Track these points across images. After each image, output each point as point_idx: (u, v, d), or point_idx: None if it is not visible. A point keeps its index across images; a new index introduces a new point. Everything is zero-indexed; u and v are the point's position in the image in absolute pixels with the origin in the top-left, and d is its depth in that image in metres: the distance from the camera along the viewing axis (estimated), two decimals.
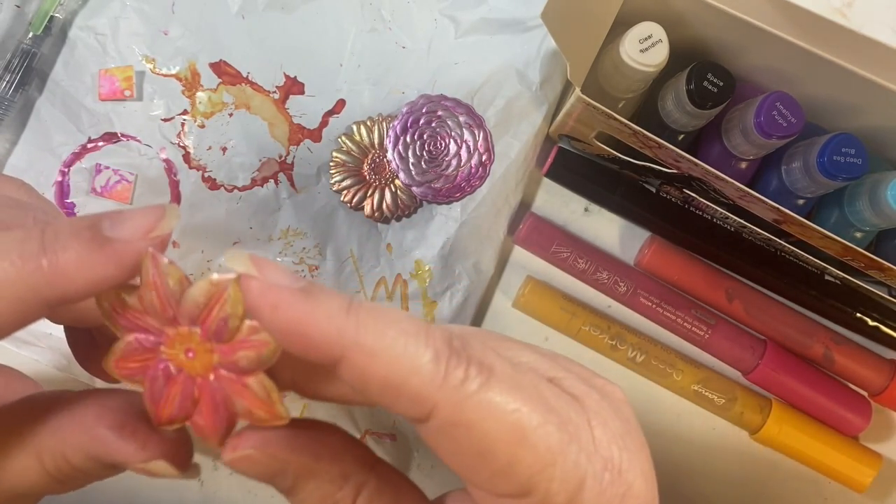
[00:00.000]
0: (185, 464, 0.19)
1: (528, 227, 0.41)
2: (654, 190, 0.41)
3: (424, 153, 0.40)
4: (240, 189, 0.40)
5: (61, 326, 0.24)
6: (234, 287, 0.17)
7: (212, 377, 0.18)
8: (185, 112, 0.40)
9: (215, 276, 0.17)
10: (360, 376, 0.16)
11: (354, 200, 0.40)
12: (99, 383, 0.38)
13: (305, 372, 0.19)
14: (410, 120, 0.39)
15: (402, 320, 0.16)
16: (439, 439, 0.17)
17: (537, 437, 0.16)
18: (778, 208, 0.32)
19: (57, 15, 0.39)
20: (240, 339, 0.17)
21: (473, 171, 0.40)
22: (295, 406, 0.40)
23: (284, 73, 0.40)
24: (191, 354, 0.18)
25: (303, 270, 0.40)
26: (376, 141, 0.40)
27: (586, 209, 0.43)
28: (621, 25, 0.35)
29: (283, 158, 0.40)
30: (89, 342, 0.24)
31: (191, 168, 0.40)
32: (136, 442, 0.18)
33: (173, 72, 0.40)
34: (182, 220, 0.39)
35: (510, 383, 0.16)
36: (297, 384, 0.19)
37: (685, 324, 0.41)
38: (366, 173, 0.40)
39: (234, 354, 0.17)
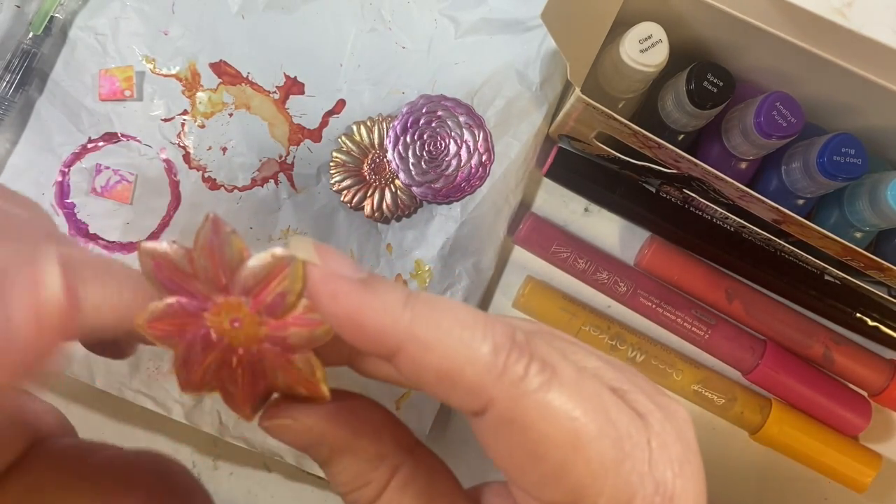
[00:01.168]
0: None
1: (528, 227, 0.41)
2: (654, 190, 0.41)
3: (424, 153, 0.40)
4: (240, 189, 0.40)
5: None
6: (299, 264, 0.17)
7: (255, 349, 0.18)
8: (185, 112, 0.40)
9: (279, 250, 0.17)
10: (416, 367, 0.16)
11: (354, 200, 0.40)
12: (99, 383, 0.38)
13: (347, 350, 0.19)
14: (410, 120, 0.39)
15: (460, 311, 0.16)
16: (492, 435, 0.16)
17: (592, 449, 0.16)
18: (778, 208, 0.32)
19: (57, 15, 0.39)
20: (294, 315, 0.17)
21: (473, 171, 0.40)
22: None
23: (284, 73, 0.40)
24: (237, 324, 0.18)
25: None
26: (376, 141, 0.40)
27: (586, 209, 0.43)
28: (621, 25, 0.35)
29: (283, 158, 0.40)
30: None
31: (191, 168, 0.40)
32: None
33: (173, 72, 0.40)
34: (182, 220, 0.39)
35: (573, 388, 0.16)
36: (353, 361, 0.19)
37: (685, 324, 0.41)
38: (366, 173, 0.40)
39: (286, 330, 0.17)
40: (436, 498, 0.19)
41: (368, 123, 0.40)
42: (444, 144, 0.40)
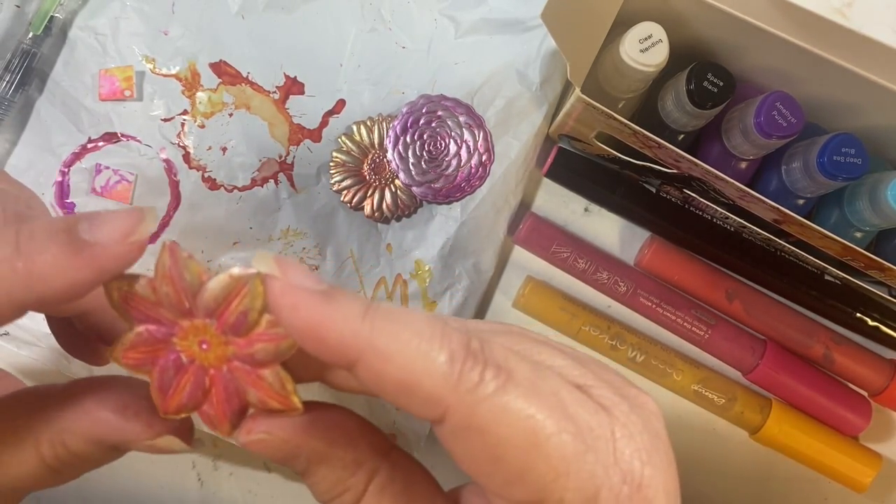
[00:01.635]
0: (189, 438, 0.20)
1: (528, 227, 0.41)
2: (654, 190, 0.41)
3: (424, 153, 0.40)
4: (240, 189, 0.40)
5: None
6: (258, 283, 0.17)
7: (225, 368, 0.18)
8: (185, 112, 0.40)
9: (236, 270, 0.17)
10: (375, 378, 0.16)
11: (354, 200, 0.40)
12: (96, 371, 0.38)
13: (314, 363, 0.19)
14: (410, 120, 0.39)
15: (417, 322, 0.16)
16: (454, 442, 0.17)
17: (551, 446, 0.16)
18: (778, 208, 0.32)
19: (57, 15, 0.39)
20: (258, 332, 0.18)
21: (473, 171, 0.40)
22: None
23: (284, 73, 0.40)
24: (205, 346, 0.18)
25: None
26: (376, 141, 0.40)
27: (586, 209, 0.43)
28: (621, 25, 0.35)
29: (283, 158, 0.40)
30: (70, 329, 0.24)
31: (191, 168, 0.40)
32: (140, 421, 0.18)
33: (173, 72, 0.40)
34: (182, 220, 0.39)
35: (528, 388, 0.16)
36: (323, 376, 0.19)
37: (685, 324, 0.41)
38: (366, 173, 0.40)
39: (252, 347, 0.18)
40: (414, 500, 0.19)
41: (368, 123, 0.40)
42: (444, 144, 0.40)
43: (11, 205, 0.21)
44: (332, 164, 0.40)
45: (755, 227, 0.36)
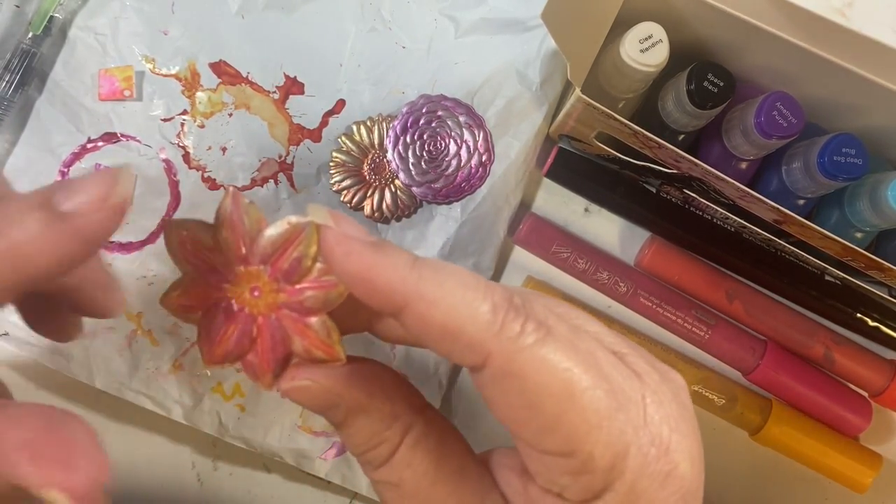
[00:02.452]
0: None
1: (528, 227, 0.41)
2: (654, 190, 0.41)
3: (424, 153, 0.39)
4: (240, 189, 0.40)
5: None
6: (313, 228, 0.18)
7: (274, 316, 0.18)
8: (184, 112, 0.40)
9: (293, 218, 0.18)
10: (421, 323, 0.17)
11: (354, 200, 0.40)
12: (99, 383, 0.38)
13: (361, 313, 0.20)
14: (410, 120, 0.39)
15: (462, 274, 0.17)
16: (492, 389, 0.17)
17: (586, 399, 0.16)
18: (778, 208, 0.32)
19: (57, 15, 0.39)
20: (310, 279, 0.18)
21: (473, 171, 0.40)
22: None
23: (284, 73, 0.40)
24: (257, 293, 0.18)
25: None
26: (376, 141, 0.40)
27: (586, 209, 0.43)
28: (621, 25, 0.35)
29: (282, 158, 0.40)
30: (41, 305, 0.23)
31: (190, 168, 0.40)
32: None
33: (173, 72, 0.40)
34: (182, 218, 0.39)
35: (566, 343, 0.17)
36: (370, 326, 0.20)
37: (685, 324, 0.41)
38: (366, 173, 0.40)
39: (302, 294, 0.18)
40: (446, 456, 0.20)
41: (368, 123, 0.40)
42: (444, 144, 0.40)
43: None
44: (331, 164, 0.40)
45: (755, 228, 0.36)
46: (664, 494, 0.17)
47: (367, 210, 0.40)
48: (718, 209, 0.37)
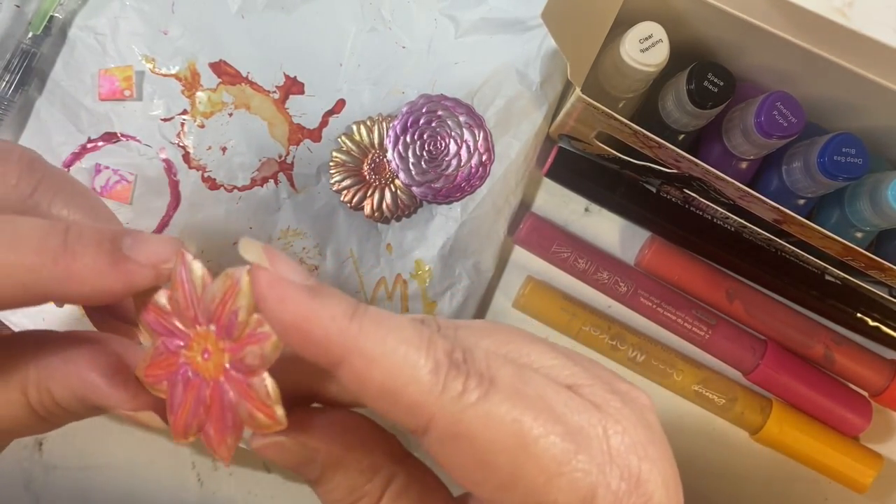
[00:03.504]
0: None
1: (528, 227, 0.41)
2: (654, 190, 0.41)
3: (424, 153, 0.39)
4: (240, 189, 0.40)
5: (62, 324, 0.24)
6: (246, 278, 0.16)
7: (222, 378, 0.17)
8: (184, 112, 0.40)
9: (231, 269, 0.17)
10: (359, 381, 0.16)
11: (354, 200, 0.40)
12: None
13: (309, 374, 0.19)
14: (410, 120, 0.39)
15: (405, 329, 0.16)
16: (441, 451, 0.16)
17: (540, 448, 0.16)
18: (778, 208, 0.32)
19: (57, 15, 0.39)
20: (248, 332, 0.17)
21: (473, 171, 0.40)
22: None
23: (284, 73, 0.40)
24: (206, 355, 0.17)
25: None
26: (376, 141, 0.40)
27: (586, 209, 0.43)
28: (621, 25, 0.35)
29: (282, 158, 0.40)
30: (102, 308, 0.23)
31: (190, 168, 0.39)
32: (126, 391, 0.18)
33: (173, 72, 0.40)
34: (182, 220, 0.39)
35: (511, 393, 0.16)
36: (315, 389, 0.19)
37: (685, 324, 0.41)
38: (366, 173, 0.40)
39: (242, 351, 0.17)
40: None
41: (368, 123, 0.40)
42: (444, 144, 0.40)
43: (67, 191, 0.21)
44: (331, 163, 0.40)
45: (755, 227, 0.36)
46: None
47: (367, 210, 0.40)
48: (718, 209, 0.37)
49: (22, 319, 0.37)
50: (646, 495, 0.16)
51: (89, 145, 0.39)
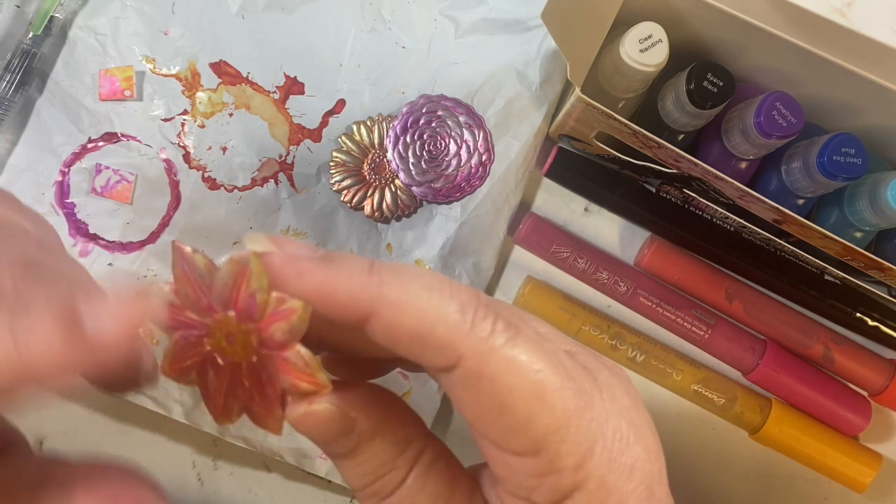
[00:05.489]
0: None
1: (528, 227, 0.41)
2: (654, 190, 0.41)
3: (424, 153, 0.40)
4: (240, 189, 0.40)
5: None
6: (255, 260, 0.17)
7: (254, 358, 0.18)
8: (185, 112, 0.40)
9: (234, 254, 0.17)
10: (388, 330, 0.16)
11: (354, 200, 0.40)
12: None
13: (337, 332, 0.19)
14: (410, 120, 0.39)
15: (424, 275, 0.17)
16: (462, 390, 0.17)
17: (556, 399, 0.17)
18: (778, 208, 0.32)
19: (57, 15, 0.39)
20: (270, 312, 0.17)
21: (473, 171, 0.40)
22: None
23: (284, 73, 0.40)
24: (230, 339, 0.18)
25: None
26: (376, 141, 0.40)
27: (586, 209, 0.43)
28: (621, 25, 0.35)
29: (283, 158, 0.40)
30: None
31: (191, 168, 0.40)
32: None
33: (173, 72, 0.40)
34: (182, 220, 0.39)
35: (535, 344, 0.17)
36: (331, 343, 0.20)
37: (685, 324, 0.41)
38: (366, 173, 0.40)
39: (269, 329, 0.17)
40: (456, 479, 0.19)
41: (368, 123, 0.40)
42: (444, 144, 0.40)
43: (19, 247, 0.20)
44: (332, 163, 0.40)
45: (755, 227, 0.36)
46: (631, 486, 0.17)
47: (367, 210, 0.40)
48: (718, 209, 0.38)
49: None
50: (633, 456, 0.17)
51: (90, 145, 0.39)
